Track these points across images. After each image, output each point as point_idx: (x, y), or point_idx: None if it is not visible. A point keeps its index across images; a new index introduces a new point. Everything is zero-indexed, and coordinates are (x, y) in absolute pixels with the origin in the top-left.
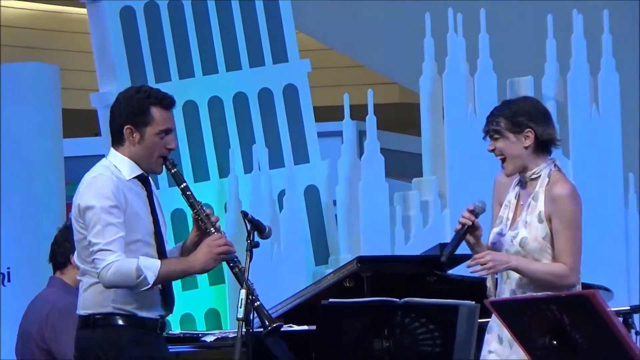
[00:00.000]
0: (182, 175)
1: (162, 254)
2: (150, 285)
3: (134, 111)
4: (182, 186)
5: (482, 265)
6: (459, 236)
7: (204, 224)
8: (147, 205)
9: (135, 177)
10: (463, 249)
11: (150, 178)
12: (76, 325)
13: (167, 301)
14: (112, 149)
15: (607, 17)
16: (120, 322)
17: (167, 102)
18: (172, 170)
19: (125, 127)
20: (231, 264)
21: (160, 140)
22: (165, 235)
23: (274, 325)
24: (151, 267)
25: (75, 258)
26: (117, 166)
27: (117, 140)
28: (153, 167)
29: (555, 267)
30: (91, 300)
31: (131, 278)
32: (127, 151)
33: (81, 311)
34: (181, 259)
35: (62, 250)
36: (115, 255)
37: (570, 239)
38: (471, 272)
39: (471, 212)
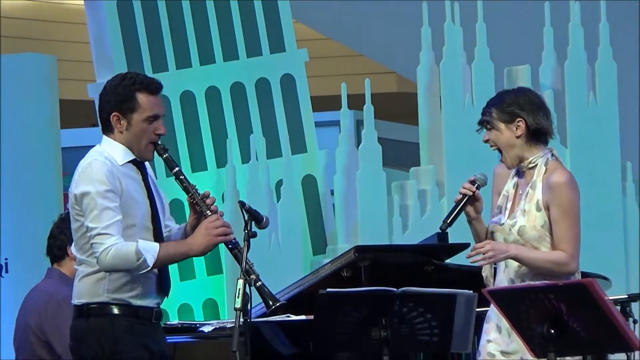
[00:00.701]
0: (174, 160)
1: (158, 238)
2: (150, 268)
3: (120, 98)
4: (175, 170)
5: (482, 254)
6: (459, 206)
7: (200, 207)
8: (143, 188)
9: (129, 162)
10: (460, 237)
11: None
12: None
13: (163, 285)
14: (103, 136)
15: (604, 5)
16: (115, 311)
17: (153, 87)
18: (164, 156)
19: (112, 115)
20: (230, 246)
21: (148, 126)
22: (164, 219)
23: (277, 304)
24: (150, 249)
25: (72, 248)
26: (109, 152)
27: (107, 128)
28: (143, 154)
29: (555, 254)
30: (85, 290)
31: (131, 260)
32: (117, 138)
33: (75, 301)
34: (179, 241)
35: (58, 243)
36: (114, 239)
37: (569, 226)
38: (472, 262)
39: (472, 182)
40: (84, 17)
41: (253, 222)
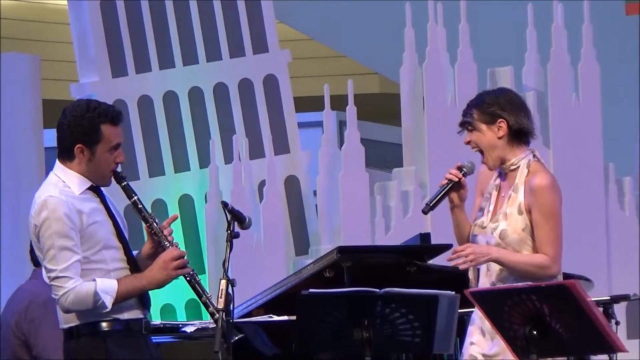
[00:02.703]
0: (131, 189)
1: (128, 254)
2: (108, 309)
3: (85, 130)
4: (133, 200)
5: (463, 258)
6: (443, 191)
7: (158, 237)
8: (103, 210)
9: (86, 189)
10: (443, 238)
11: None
12: (62, 339)
13: (144, 301)
14: (58, 163)
15: (587, 6)
16: (105, 328)
17: (117, 119)
18: (122, 184)
19: (77, 146)
20: (188, 277)
21: (110, 156)
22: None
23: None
24: (109, 289)
25: (43, 273)
26: (65, 182)
27: (66, 157)
28: (102, 182)
29: (537, 258)
30: (72, 314)
31: (89, 303)
32: (76, 167)
33: (64, 325)
34: (137, 276)
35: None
36: (72, 282)
37: (550, 229)
38: (452, 265)
39: (459, 169)
40: (67, 17)
41: (236, 223)
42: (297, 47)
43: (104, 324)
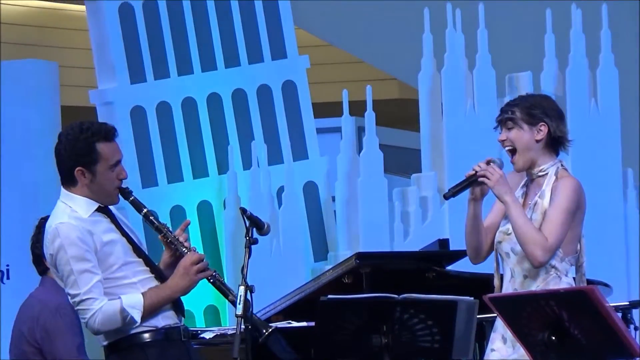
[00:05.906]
0: (140, 202)
1: (150, 264)
2: (138, 323)
3: (81, 152)
4: (144, 212)
5: (484, 170)
6: (468, 181)
7: (175, 245)
8: (115, 228)
9: (94, 211)
10: (461, 244)
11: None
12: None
13: (178, 307)
14: (63, 190)
15: (606, 12)
16: (146, 338)
17: (110, 135)
18: (130, 199)
19: (76, 170)
20: (211, 280)
21: (111, 173)
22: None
23: (269, 330)
24: (135, 304)
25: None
26: (72, 207)
27: (69, 182)
28: (109, 200)
29: (540, 237)
30: (111, 331)
31: (118, 321)
32: (80, 191)
33: (104, 342)
34: (161, 286)
35: (34, 257)
36: (98, 302)
37: (561, 223)
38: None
39: (487, 163)
40: (85, 24)
41: (254, 229)
42: (316, 53)
43: (144, 335)
